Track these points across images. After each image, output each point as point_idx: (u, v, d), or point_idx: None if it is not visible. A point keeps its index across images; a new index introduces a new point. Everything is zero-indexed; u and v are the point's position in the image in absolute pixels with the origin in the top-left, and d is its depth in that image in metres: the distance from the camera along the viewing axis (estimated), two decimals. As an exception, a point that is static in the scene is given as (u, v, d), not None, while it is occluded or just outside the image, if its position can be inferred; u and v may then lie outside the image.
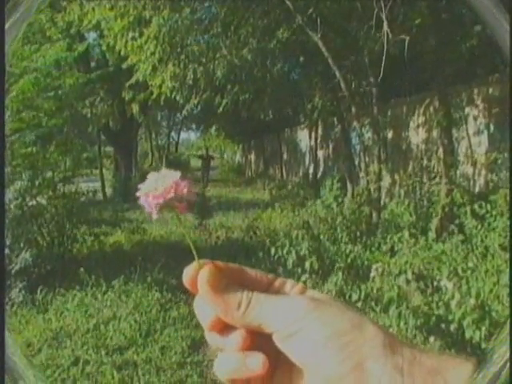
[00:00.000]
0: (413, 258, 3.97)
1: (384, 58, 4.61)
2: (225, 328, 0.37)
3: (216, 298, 0.36)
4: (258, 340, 0.36)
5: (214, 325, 0.37)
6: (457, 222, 4.67)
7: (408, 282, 3.15)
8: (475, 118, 5.85)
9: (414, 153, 7.22)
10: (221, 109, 7.69)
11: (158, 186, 0.36)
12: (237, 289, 0.37)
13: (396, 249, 4.63)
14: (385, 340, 0.32)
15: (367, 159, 6.50)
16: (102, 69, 9.76)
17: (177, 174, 0.37)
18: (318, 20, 5.60)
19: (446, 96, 5.22)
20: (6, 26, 0.40)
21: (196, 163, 26.09)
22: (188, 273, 0.38)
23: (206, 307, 0.37)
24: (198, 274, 0.37)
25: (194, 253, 0.38)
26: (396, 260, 4.10)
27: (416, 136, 7.19)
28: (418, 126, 7.14)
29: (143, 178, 0.38)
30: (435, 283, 3.18)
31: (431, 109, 6.66)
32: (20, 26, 0.42)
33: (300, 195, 8.85)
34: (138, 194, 0.37)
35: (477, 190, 5.67)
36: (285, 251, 4.30)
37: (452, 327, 2.65)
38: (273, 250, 4.42)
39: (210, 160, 15.44)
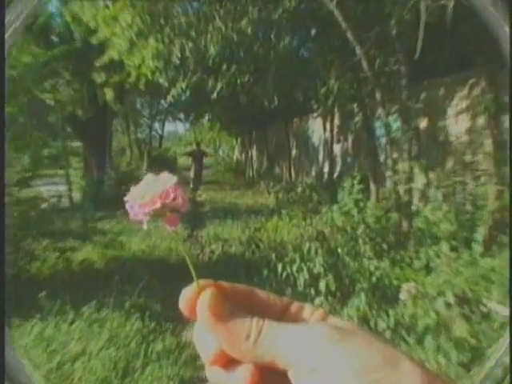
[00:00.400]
0: (454, 277, 3.97)
1: (422, 28, 4.57)
2: (230, 362, 0.37)
3: (220, 327, 0.37)
4: (270, 377, 0.36)
5: (217, 358, 0.37)
6: (508, 231, 4.66)
7: (448, 306, 3.14)
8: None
9: (454, 146, 7.21)
10: (215, 94, 7.70)
11: (145, 193, 0.38)
12: (245, 315, 0.37)
13: (432, 265, 4.63)
14: (423, 378, 0.32)
15: (395, 155, 6.49)
16: (67, 44, 9.79)
17: (172, 180, 0.39)
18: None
19: (496, 75, 5.18)
20: (6, 35, 0.45)
21: (185, 161, 25.97)
22: (186, 296, 0.39)
23: (208, 337, 0.38)
24: (197, 298, 0.38)
25: (193, 272, 0.39)
26: (433, 279, 4.09)
27: (456, 125, 7.18)
28: (458, 113, 7.13)
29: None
30: (483, 308, 3.17)
31: (476, 91, 6.65)
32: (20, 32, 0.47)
33: (312, 199, 8.91)
34: (125, 198, 0.39)
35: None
36: (294, 268, 4.34)
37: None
38: (280, 268, 4.46)
39: (201, 157, 15.40)
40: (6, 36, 0.45)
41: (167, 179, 0.39)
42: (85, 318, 4.22)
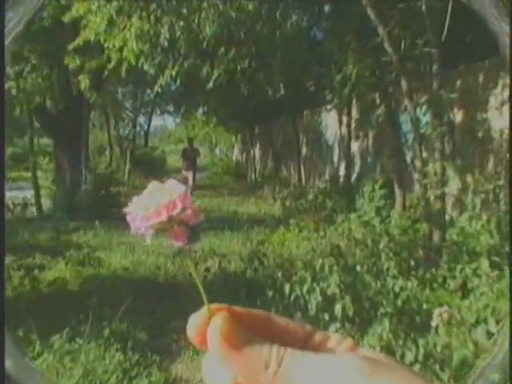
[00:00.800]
0: (496, 300, 3.94)
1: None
2: None
3: (234, 356, 0.37)
4: None
5: None
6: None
7: (490, 335, 3.12)
8: None
9: (496, 143, 7.19)
10: (210, 83, 7.69)
11: (150, 203, 0.39)
12: (263, 342, 0.38)
13: (470, 286, 4.61)
14: None
15: (425, 154, 6.48)
16: (34, 23, 9.80)
17: (180, 188, 0.40)
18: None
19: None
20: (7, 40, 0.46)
21: (175, 162, 26.13)
22: (195, 323, 0.39)
23: (221, 369, 0.38)
24: (208, 324, 0.39)
25: (203, 295, 0.40)
26: (470, 302, 4.07)
27: (499, 118, 7.16)
28: (501, 104, 7.12)
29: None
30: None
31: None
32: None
33: (326, 207, 8.94)
34: (126, 209, 0.40)
35: None
36: (305, 289, 4.30)
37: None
38: (287, 288, 4.42)
39: (195, 157, 15.45)
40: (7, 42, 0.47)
41: (174, 187, 0.40)
42: (55, 349, 4.20)
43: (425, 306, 4.26)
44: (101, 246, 7.96)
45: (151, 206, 0.39)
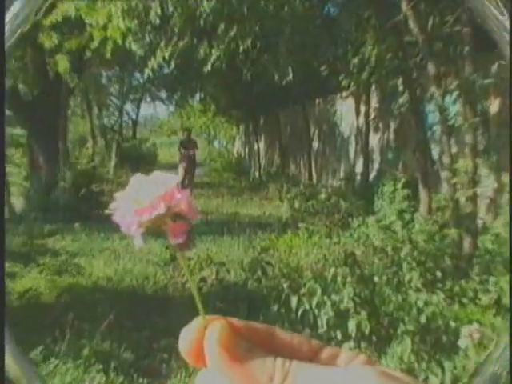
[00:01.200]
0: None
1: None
2: None
3: (235, 368, 0.38)
4: None
5: None
6: None
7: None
8: None
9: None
10: (209, 66, 7.69)
11: (141, 196, 0.39)
12: (266, 354, 0.38)
13: (505, 301, 4.60)
14: None
15: (454, 149, 6.48)
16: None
17: (173, 179, 0.41)
18: None
19: None
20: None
21: (168, 156, 25.85)
22: (189, 336, 0.39)
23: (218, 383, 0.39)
24: (203, 337, 0.39)
25: (199, 302, 0.41)
26: (505, 320, 4.06)
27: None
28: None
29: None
30: None
31: None
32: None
33: (340, 209, 8.89)
34: (110, 206, 0.40)
35: None
36: (314, 303, 4.28)
37: None
38: (294, 302, 4.40)
39: (192, 151, 15.25)
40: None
41: (168, 178, 0.41)
42: (26, 370, 4.20)
43: (452, 324, 4.24)
44: (80, 253, 7.95)
45: (144, 198, 0.39)
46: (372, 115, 11.40)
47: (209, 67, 7.72)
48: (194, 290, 0.43)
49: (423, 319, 4.20)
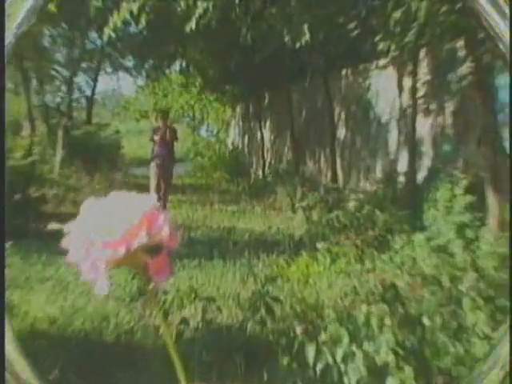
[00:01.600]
0: None
1: None
2: None
3: None
4: None
5: None
6: None
7: None
8: None
9: None
10: (192, 24, 7.50)
11: (113, 223, 0.41)
12: None
13: None
14: None
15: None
16: None
17: (149, 200, 0.44)
18: None
19: None
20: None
21: (136, 148, 25.52)
22: None
23: None
24: None
25: (178, 363, 0.48)
26: None
27: None
28: None
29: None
30: None
31: None
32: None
33: (376, 223, 8.76)
34: (64, 241, 0.44)
35: None
36: (340, 355, 4.16)
37: None
38: (311, 352, 4.28)
39: (171, 140, 14.44)
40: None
41: (145, 199, 0.44)
42: None
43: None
44: (13, 283, 7.57)
45: (117, 226, 0.40)
46: (421, 92, 10.96)
47: (193, 25, 7.61)
48: (171, 345, 0.46)
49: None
